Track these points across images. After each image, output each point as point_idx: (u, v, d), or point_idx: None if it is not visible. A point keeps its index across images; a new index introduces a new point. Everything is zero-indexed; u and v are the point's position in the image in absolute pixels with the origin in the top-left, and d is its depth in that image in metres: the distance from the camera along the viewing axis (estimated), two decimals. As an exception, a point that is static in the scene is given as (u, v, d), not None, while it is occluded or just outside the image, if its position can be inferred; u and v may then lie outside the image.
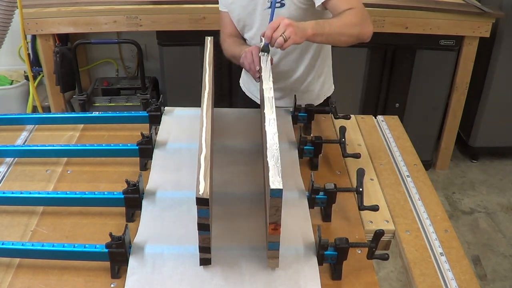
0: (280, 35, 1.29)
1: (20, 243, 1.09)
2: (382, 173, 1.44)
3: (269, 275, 1.04)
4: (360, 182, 1.21)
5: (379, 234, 1.06)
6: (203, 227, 0.99)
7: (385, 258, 1.09)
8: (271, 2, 1.50)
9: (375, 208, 1.20)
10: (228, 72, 2.81)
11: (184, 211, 1.20)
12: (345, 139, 1.43)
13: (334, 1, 1.46)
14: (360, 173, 1.22)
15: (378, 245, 1.08)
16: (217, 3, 1.72)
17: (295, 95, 1.58)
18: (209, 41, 1.48)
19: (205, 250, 1.03)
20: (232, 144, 1.47)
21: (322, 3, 1.48)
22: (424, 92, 2.91)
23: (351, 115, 1.61)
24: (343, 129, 1.45)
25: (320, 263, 1.07)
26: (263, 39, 1.37)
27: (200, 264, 1.06)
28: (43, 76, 2.86)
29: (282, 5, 1.54)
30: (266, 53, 1.41)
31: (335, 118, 1.55)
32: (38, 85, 2.96)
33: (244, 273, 1.04)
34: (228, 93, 2.83)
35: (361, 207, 1.20)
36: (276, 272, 1.04)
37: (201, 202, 0.93)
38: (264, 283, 1.02)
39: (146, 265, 1.06)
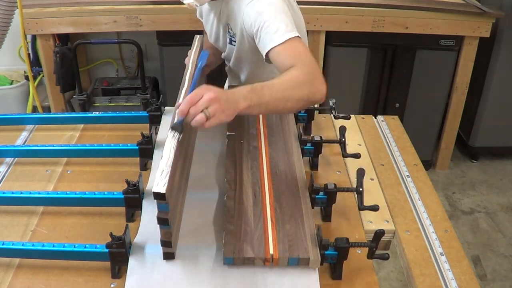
0: (202, 111, 1.02)
1: (20, 243, 1.09)
2: (382, 173, 1.44)
3: (269, 275, 1.04)
4: (360, 182, 1.21)
5: (379, 234, 1.06)
6: (163, 221, 0.99)
7: (385, 257, 1.09)
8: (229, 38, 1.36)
9: (375, 208, 1.20)
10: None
11: (184, 211, 1.20)
12: (345, 139, 1.43)
13: (277, 54, 1.22)
14: (360, 173, 1.22)
15: (378, 245, 1.08)
16: None
17: None
18: (197, 39, 1.48)
19: (166, 244, 1.03)
20: (215, 145, 1.45)
21: (266, 54, 1.25)
22: (424, 92, 2.91)
23: (351, 115, 1.61)
24: (343, 129, 1.45)
25: (320, 262, 1.07)
26: (176, 114, 1.06)
27: (164, 259, 1.06)
28: (43, 76, 2.86)
29: (232, 42, 1.45)
30: (177, 133, 1.05)
31: (335, 118, 1.55)
32: (38, 85, 2.95)
33: (244, 273, 1.04)
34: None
35: (361, 207, 1.20)
36: (276, 271, 1.04)
37: (159, 196, 0.95)
38: (264, 282, 1.02)
39: (146, 265, 1.06)
